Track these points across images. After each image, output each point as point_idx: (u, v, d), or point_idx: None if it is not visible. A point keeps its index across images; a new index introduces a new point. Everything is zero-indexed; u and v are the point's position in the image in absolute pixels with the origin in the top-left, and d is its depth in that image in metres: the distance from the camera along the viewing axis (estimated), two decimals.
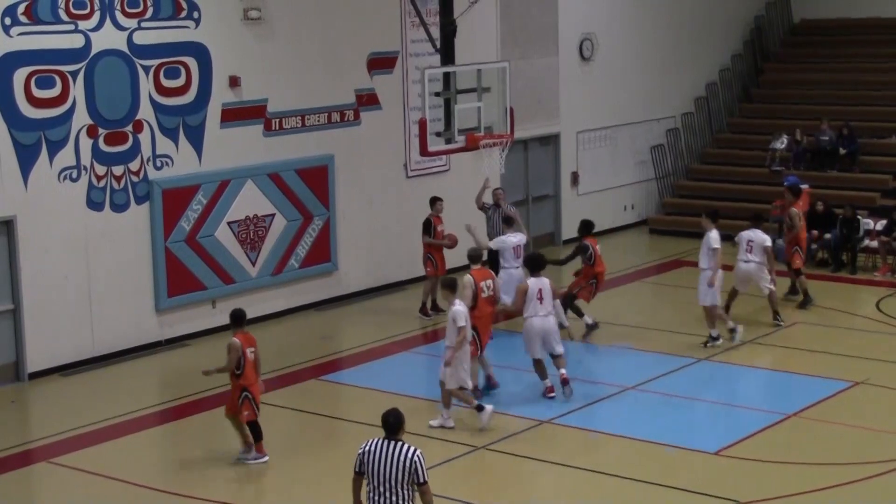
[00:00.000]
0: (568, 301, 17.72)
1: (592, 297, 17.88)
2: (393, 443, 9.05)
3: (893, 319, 18.40)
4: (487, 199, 19.75)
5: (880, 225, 21.65)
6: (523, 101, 21.13)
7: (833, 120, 24.85)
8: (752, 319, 18.42)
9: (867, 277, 21.10)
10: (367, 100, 20.21)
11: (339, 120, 19.81)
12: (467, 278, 14.81)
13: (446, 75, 17.92)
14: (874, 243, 21.51)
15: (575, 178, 24.30)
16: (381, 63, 20.34)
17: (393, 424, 9.12)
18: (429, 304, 19.11)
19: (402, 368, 16.88)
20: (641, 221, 25.57)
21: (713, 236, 17.09)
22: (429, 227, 18.91)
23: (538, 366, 15.14)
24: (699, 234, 23.31)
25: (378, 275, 20.65)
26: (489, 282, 14.97)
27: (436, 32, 18.44)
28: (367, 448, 9.09)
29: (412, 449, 9.04)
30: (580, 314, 17.79)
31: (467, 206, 21.18)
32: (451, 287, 14.13)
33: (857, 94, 26.25)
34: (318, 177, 19.47)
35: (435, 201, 19.20)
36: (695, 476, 12.84)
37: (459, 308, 13.95)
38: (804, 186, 22.62)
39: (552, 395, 14.97)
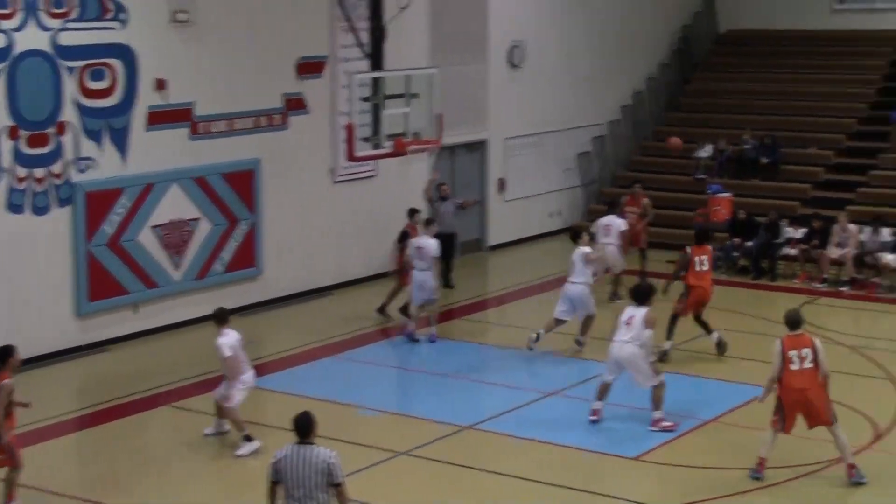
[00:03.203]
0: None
1: (687, 310, 17.03)
2: (306, 447, 9.08)
3: (812, 327, 18.65)
4: (434, 192, 20.51)
5: (800, 233, 22.02)
6: (452, 108, 21.17)
7: (756, 130, 25.23)
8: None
9: (787, 285, 21.44)
10: (295, 104, 20.17)
11: (266, 124, 19.76)
12: (775, 345, 12.59)
13: (375, 80, 17.99)
14: (794, 251, 21.88)
15: (502, 184, 24.43)
16: (309, 67, 20.31)
17: (303, 427, 9.15)
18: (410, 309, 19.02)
19: (327, 374, 16.86)
20: (567, 228, 25.70)
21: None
22: (406, 237, 18.81)
23: (601, 386, 14.60)
24: None
25: (304, 280, 20.61)
26: (806, 351, 12.41)
27: (365, 37, 18.51)
28: (281, 455, 9.11)
29: (326, 451, 9.09)
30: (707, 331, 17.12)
31: (395, 211, 21.28)
32: (222, 319, 13.77)
33: (780, 104, 26.64)
34: (244, 181, 19.40)
35: (413, 213, 19.17)
36: (615, 481, 13.00)
37: (222, 339, 13.59)
38: (727, 195, 23.02)
39: (593, 418, 14.45)
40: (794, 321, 12.68)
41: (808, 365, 12.40)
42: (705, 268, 17.00)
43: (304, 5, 20.14)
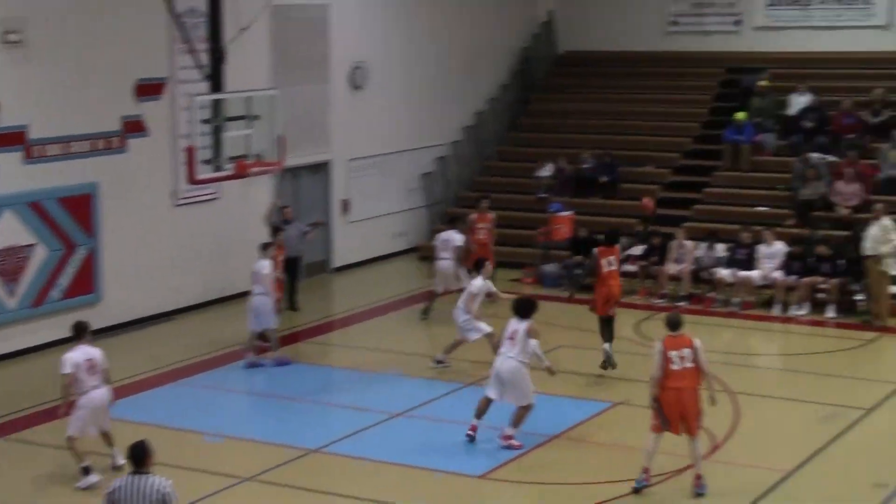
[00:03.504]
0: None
1: (603, 309, 17.32)
2: (141, 476, 8.95)
3: (651, 341, 19.06)
4: (277, 216, 20.48)
5: (639, 250, 22.52)
6: (294, 129, 21.09)
7: (595, 149, 25.74)
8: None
9: (627, 300, 21.81)
10: (134, 127, 19.84)
11: (104, 147, 19.37)
12: (656, 345, 12.98)
13: (215, 102, 17.79)
14: (633, 267, 22.35)
15: (346, 205, 24.40)
16: (148, 89, 20.01)
17: (138, 457, 9.06)
18: None
19: (170, 400, 16.59)
20: (412, 248, 25.87)
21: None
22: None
23: (481, 402, 14.57)
24: None
25: (146, 305, 20.23)
26: (686, 351, 12.79)
27: (205, 59, 18.30)
28: (116, 486, 8.98)
29: (160, 480, 8.99)
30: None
31: (238, 234, 21.13)
32: (77, 333, 13.41)
33: (617, 123, 27.20)
34: (81, 206, 18.98)
35: (277, 231, 19.18)
36: (460, 500, 13.06)
37: (66, 354, 13.26)
38: (567, 213, 23.43)
39: (470, 433, 14.43)
40: (674, 322, 13.07)
41: (688, 365, 12.77)
42: (613, 267, 17.33)
43: (141, 26, 19.83)
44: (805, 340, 19.91)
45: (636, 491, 12.93)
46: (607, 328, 17.45)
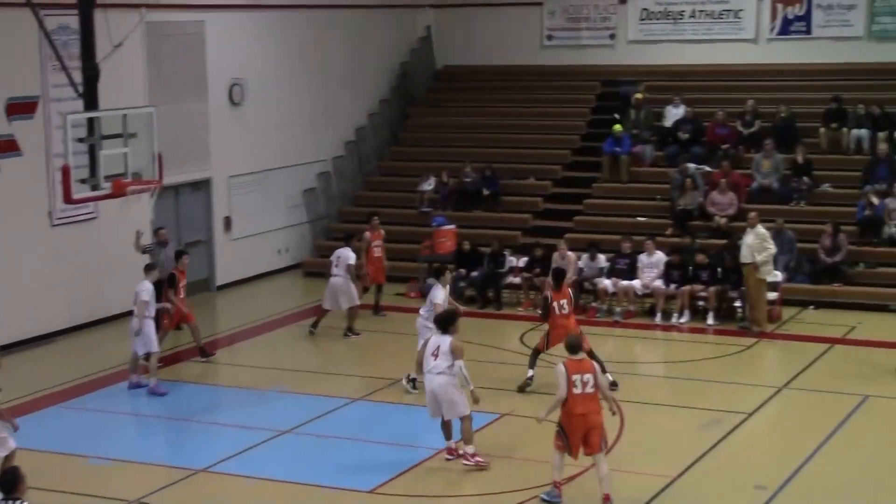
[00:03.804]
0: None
1: (548, 346, 17.04)
2: (10, 502, 8.80)
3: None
4: (146, 241, 20.16)
5: (522, 262, 22.70)
6: (173, 147, 20.80)
7: (476, 162, 25.91)
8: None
9: (511, 312, 22.02)
10: (7, 146, 19.42)
11: None
12: (558, 368, 12.89)
13: (90, 121, 17.48)
14: (517, 279, 22.52)
15: (228, 222, 24.16)
16: (20, 108, 19.61)
17: (8, 483, 8.94)
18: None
19: (51, 423, 16.21)
20: (296, 265, 25.72)
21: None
22: (174, 280, 18.44)
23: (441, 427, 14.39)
24: None
25: (26, 327, 19.78)
26: (588, 376, 12.75)
27: (78, 77, 17.98)
28: None
29: None
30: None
31: (117, 252, 20.78)
32: None
33: (498, 136, 27.43)
34: None
35: (181, 255, 18.98)
36: None
37: None
38: (451, 227, 23.53)
39: (448, 457, 14.30)
40: (575, 345, 13.06)
41: (589, 389, 12.72)
42: (565, 311, 16.98)
43: (12, 44, 19.43)
44: (687, 348, 20.25)
45: (550, 502, 12.94)
46: (536, 357, 17.31)
